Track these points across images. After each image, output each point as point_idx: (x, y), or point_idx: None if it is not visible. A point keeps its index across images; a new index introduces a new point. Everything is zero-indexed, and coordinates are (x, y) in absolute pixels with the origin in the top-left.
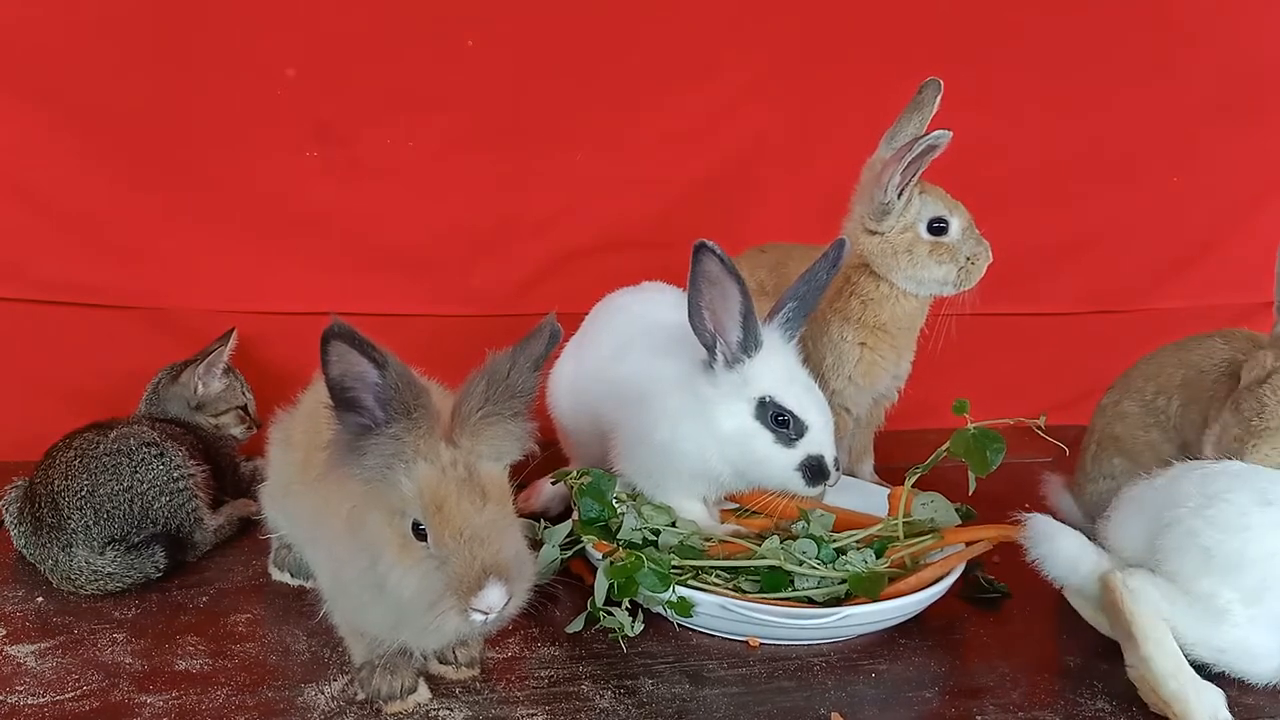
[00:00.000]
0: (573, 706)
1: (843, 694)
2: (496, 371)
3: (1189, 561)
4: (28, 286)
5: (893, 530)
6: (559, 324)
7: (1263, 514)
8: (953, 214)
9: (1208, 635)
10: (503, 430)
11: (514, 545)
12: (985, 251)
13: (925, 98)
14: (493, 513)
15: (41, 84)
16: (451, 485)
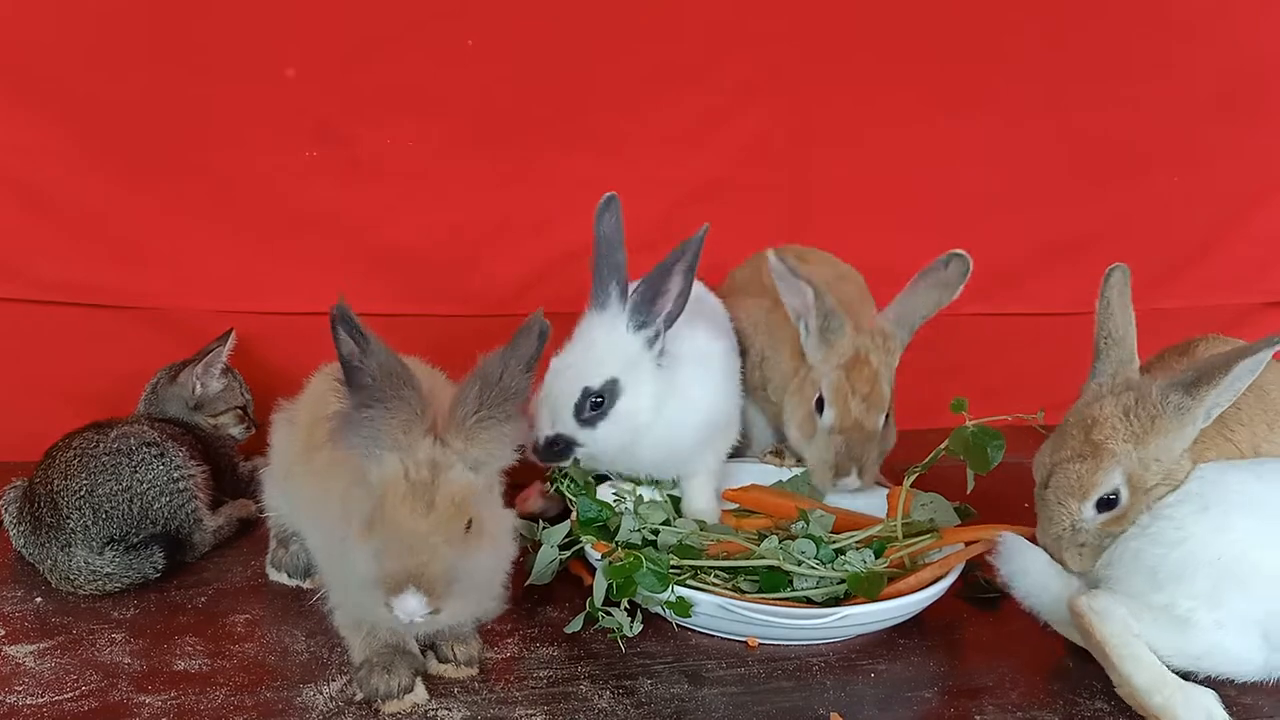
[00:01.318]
0: (571, 706)
1: (841, 694)
2: (489, 375)
3: (1139, 581)
4: (28, 286)
5: (892, 530)
6: (547, 321)
7: (1200, 521)
8: (831, 404)
9: (1179, 645)
10: (497, 433)
11: (445, 561)
12: (834, 473)
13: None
14: (433, 524)
15: (41, 84)
16: (402, 486)
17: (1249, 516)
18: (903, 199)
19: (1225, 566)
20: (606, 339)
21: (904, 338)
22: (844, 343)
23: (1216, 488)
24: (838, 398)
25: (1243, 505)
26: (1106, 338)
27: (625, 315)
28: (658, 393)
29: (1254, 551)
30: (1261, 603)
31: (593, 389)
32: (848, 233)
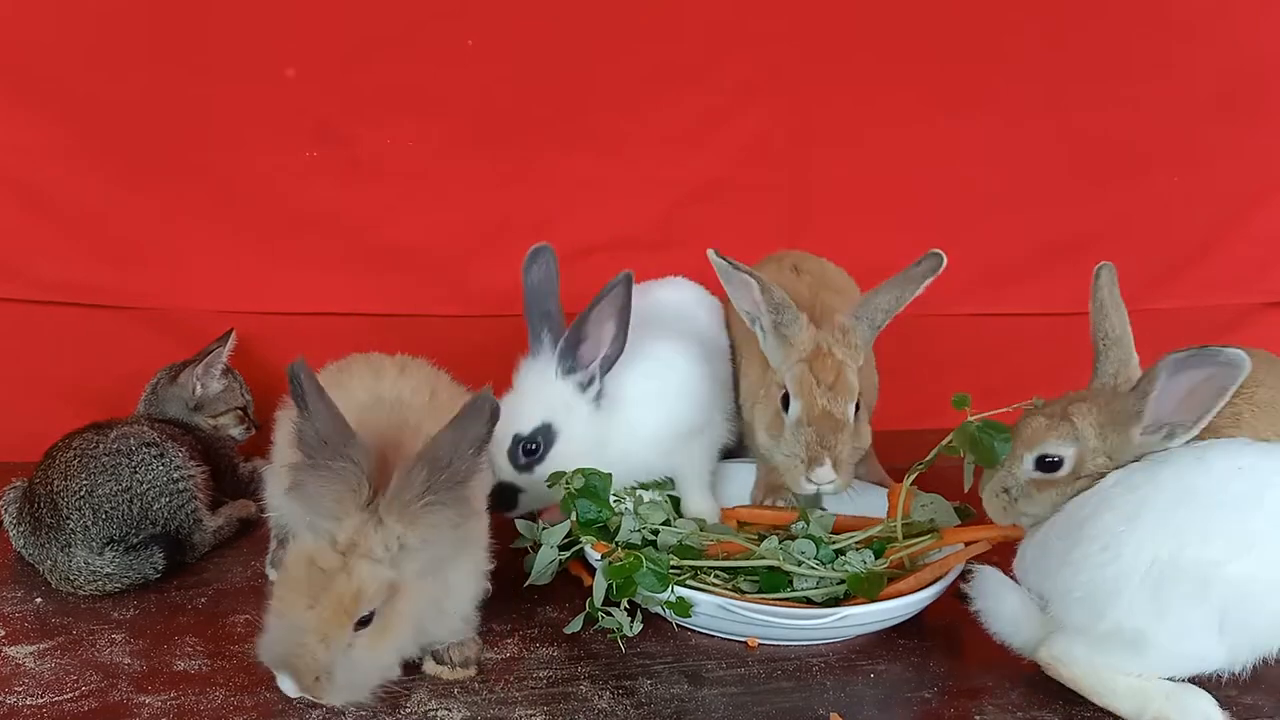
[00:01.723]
0: (571, 707)
1: (841, 694)
2: (438, 458)
3: (1080, 614)
4: (28, 286)
5: (891, 531)
6: (496, 400)
7: (1129, 531)
8: (796, 398)
9: (1144, 665)
10: (440, 518)
11: (315, 660)
12: (805, 464)
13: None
14: (313, 620)
15: (42, 84)
16: (300, 571)
17: (1183, 510)
18: (903, 199)
19: (1161, 571)
20: (536, 386)
21: (866, 333)
22: (802, 338)
23: (1143, 489)
24: (803, 389)
25: (1176, 500)
26: (1104, 338)
27: (554, 362)
28: (596, 433)
29: (1190, 547)
30: (1210, 600)
31: (523, 435)
32: (848, 233)
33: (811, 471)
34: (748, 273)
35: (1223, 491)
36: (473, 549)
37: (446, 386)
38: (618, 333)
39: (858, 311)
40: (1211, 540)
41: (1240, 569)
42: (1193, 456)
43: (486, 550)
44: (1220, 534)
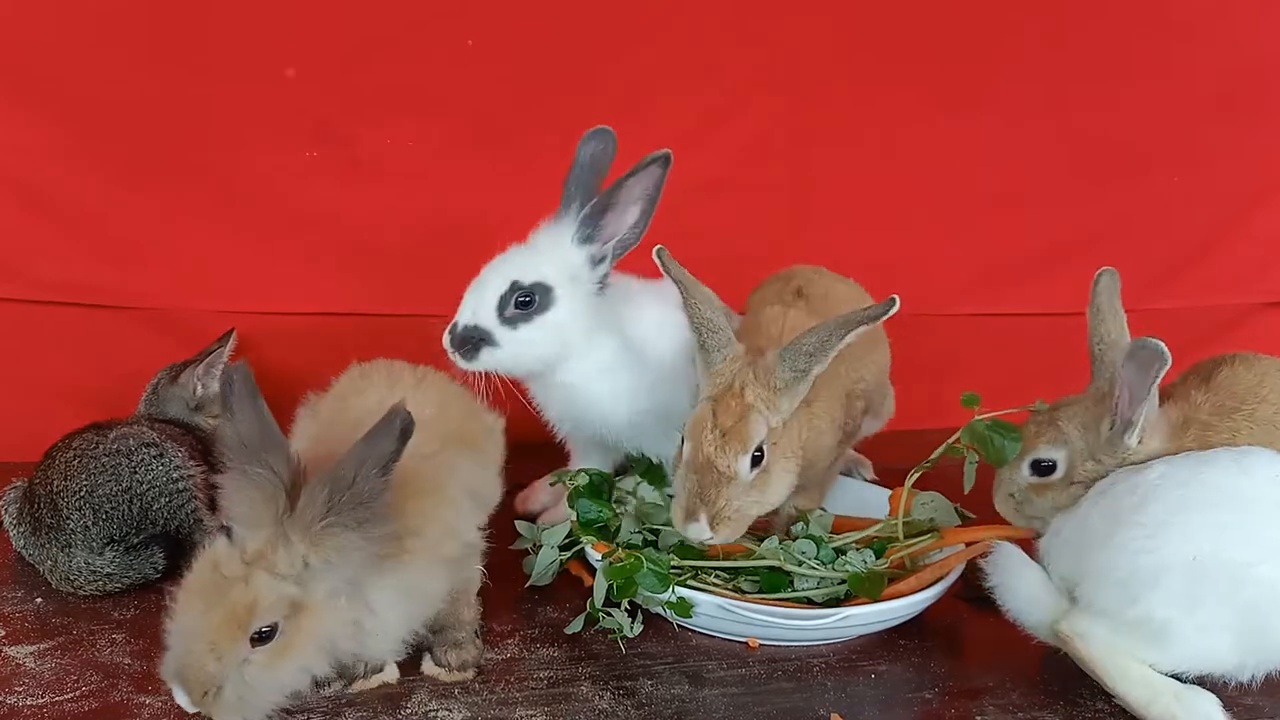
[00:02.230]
0: (572, 707)
1: (842, 695)
2: (341, 477)
3: (1111, 596)
4: (28, 286)
5: (892, 530)
6: (409, 413)
7: (1173, 523)
8: (686, 439)
9: (1162, 656)
10: (344, 541)
11: (204, 672)
12: (676, 513)
13: None
14: (204, 626)
15: (41, 84)
16: (202, 574)
17: (1226, 511)
18: (903, 199)
19: (1200, 566)
20: (550, 244)
21: (787, 376)
22: (724, 369)
23: (1191, 487)
24: (694, 431)
25: (1220, 501)
26: (1099, 343)
27: (575, 227)
28: (590, 322)
29: (1229, 549)
30: (1237, 600)
31: (522, 284)
32: (848, 233)
33: (685, 526)
34: (677, 280)
35: (1265, 498)
36: (404, 569)
37: (460, 403)
38: (640, 218)
39: (784, 351)
40: (1250, 543)
41: (1273, 573)
42: (1232, 460)
43: (434, 569)
44: (1259, 539)
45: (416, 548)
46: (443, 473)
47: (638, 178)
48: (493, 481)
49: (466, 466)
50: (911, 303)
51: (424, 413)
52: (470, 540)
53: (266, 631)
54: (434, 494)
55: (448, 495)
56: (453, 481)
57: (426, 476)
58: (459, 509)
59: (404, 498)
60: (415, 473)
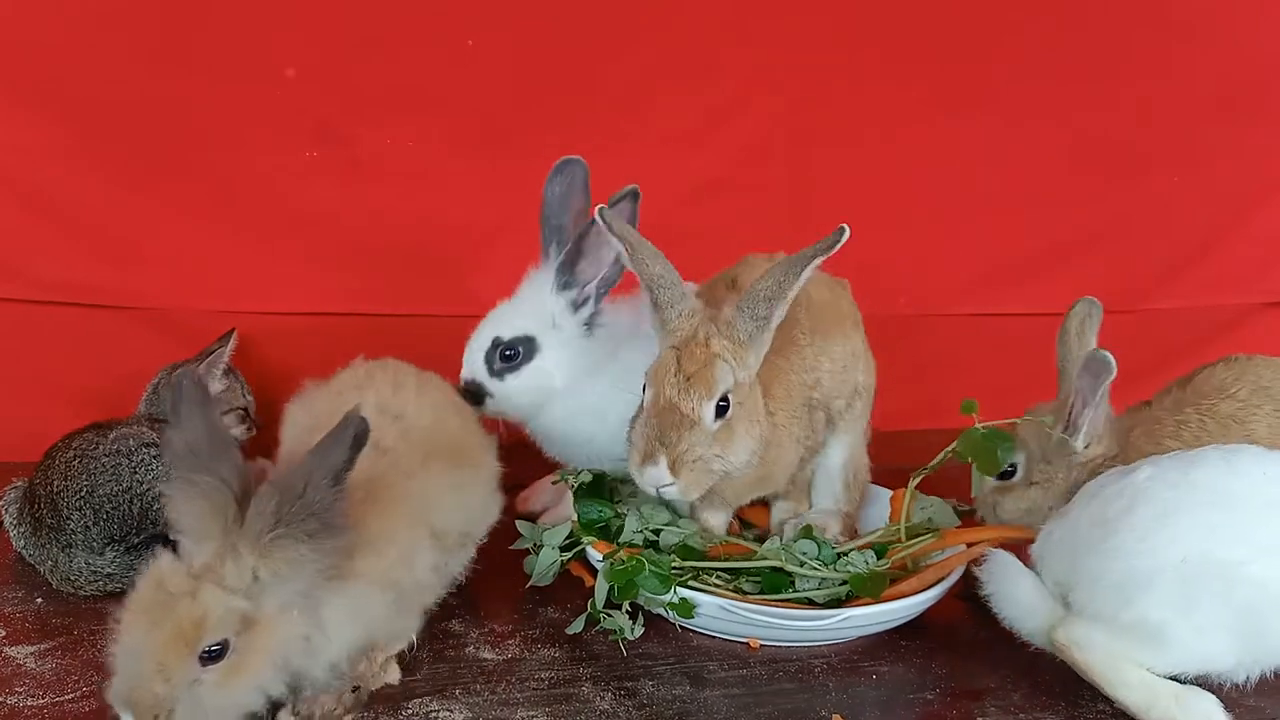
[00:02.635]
0: (573, 708)
1: (844, 695)
2: (290, 487)
3: (1106, 601)
4: (28, 286)
5: (894, 534)
6: (365, 419)
7: (1163, 526)
8: (648, 385)
9: (1160, 659)
10: (294, 554)
11: (151, 693)
12: (634, 457)
13: None
14: (150, 646)
15: (41, 84)
16: (148, 590)
17: (1216, 511)
18: (903, 199)
19: (1193, 568)
20: (531, 296)
21: (748, 326)
22: (683, 324)
23: (1180, 488)
24: (657, 375)
25: (1210, 501)
26: (1063, 361)
27: (553, 274)
28: (576, 362)
29: (1221, 548)
30: (1232, 600)
31: (502, 339)
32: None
33: (642, 469)
34: (620, 236)
35: (1255, 496)
36: (353, 587)
37: (459, 414)
38: (617, 256)
39: (741, 302)
40: (1241, 542)
41: (1265, 572)
42: (1221, 460)
43: (383, 594)
44: (1250, 538)
45: (367, 568)
46: (416, 497)
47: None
48: (480, 503)
49: (440, 496)
50: (911, 303)
51: (421, 421)
52: (421, 579)
53: (217, 649)
54: (402, 516)
55: (414, 521)
56: (424, 509)
57: (400, 497)
58: (420, 541)
59: (371, 513)
60: (389, 489)
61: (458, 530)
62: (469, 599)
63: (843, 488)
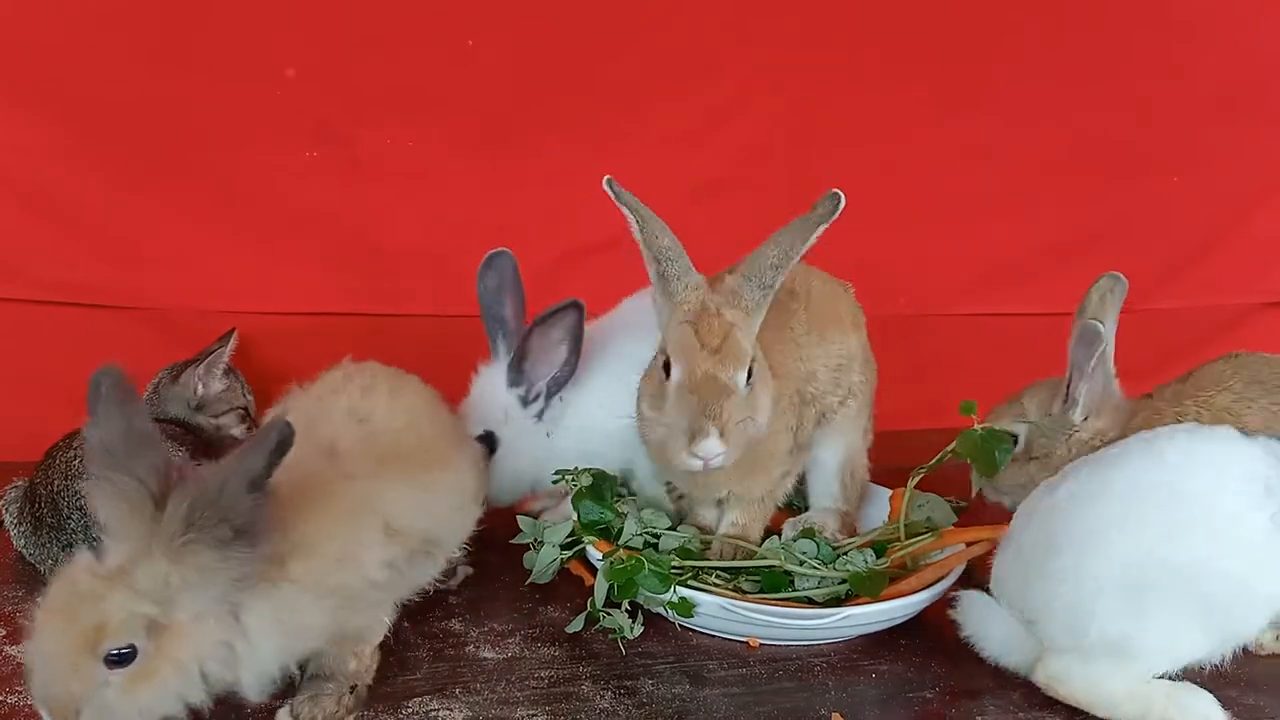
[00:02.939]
0: (573, 707)
1: (843, 694)
2: (205, 490)
3: (1062, 629)
4: (28, 286)
5: (893, 533)
6: (290, 425)
7: (1092, 548)
8: (677, 360)
9: (1139, 666)
10: (207, 560)
11: (63, 692)
12: (686, 436)
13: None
14: (58, 647)
15: (41, 84)
16: (59, 589)
17: (1145, 510)
18: (903, 199)
19: (1134, 576)
20: (484, 392)
21: (755, 294)
22: (689, 297)
23: (1100, 500)
24: (684, 351)
25: (1136, 503)
26: None
27: (504, 372)
28: (535, 447)
29: (1159, 548)
30: (1186, 594)
31: None
32: (848, 233)
33: (695, 444)
34: (630, 208)
35: (1181, 485)
36: (282, 594)
37: (438, 420)
38: (569, 356)
39: (746, 270)
40: (1177, 536)
41: (1212, 561)
42: (1142, 452)
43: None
44: (1185, 529)
45: (300, 573)
46: (357, 496)
47: (550, 325)
48: (448, 509)
49: (398, 496)
50: (911, 303)
51: (392, 424)
52: (373, 577)
53: (125, 653)
54: (338, 517)
55: (354, 521)
56: (368, 508)
57: (338, 498)
58: (364, 539)
59: (303, 516)
60: (327, 492)
61: (420, 532)
62: (469, 598)
63: (839, 488)
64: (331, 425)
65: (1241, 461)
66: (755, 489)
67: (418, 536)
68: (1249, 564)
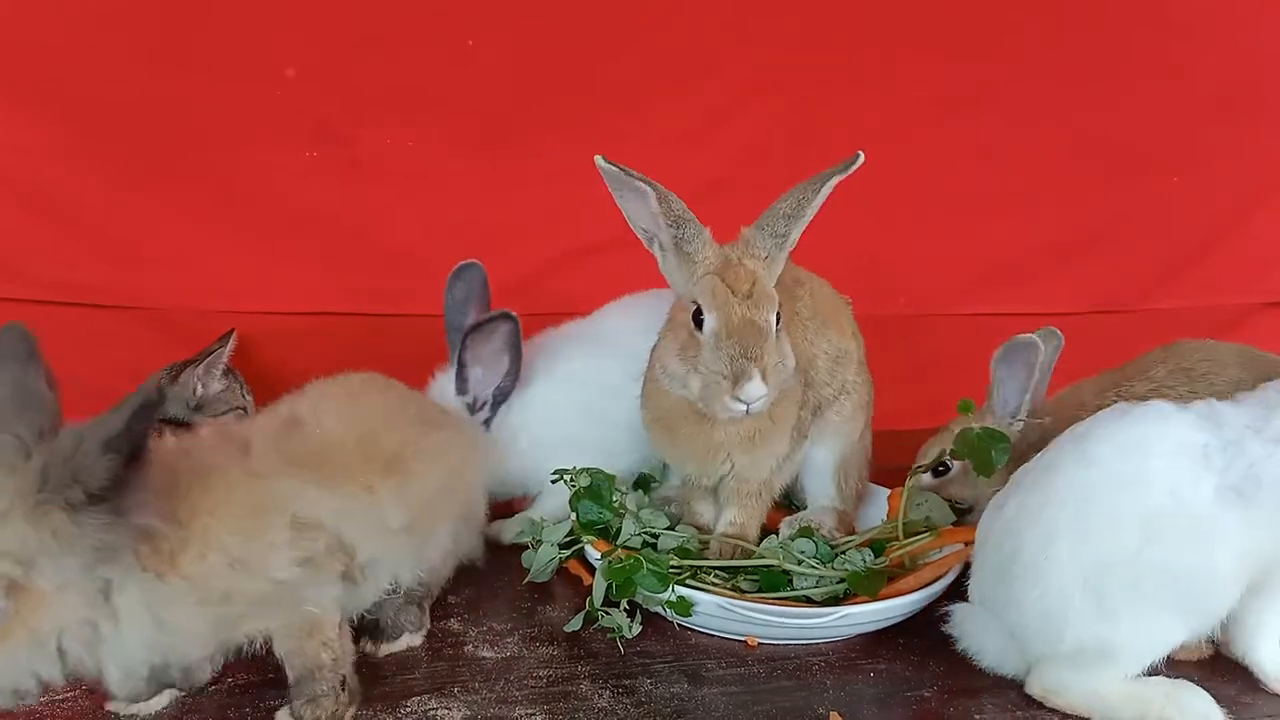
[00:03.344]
0: (571, 706)
1: (841, 693)
2: (59, 449)
3: (1043, 643)
4: (28, 286)
5: (892, 531)
6: (161, 392)
7: (1047, 559)
8: (710, 310)
9: (1122, 666)
10: (61, 522)
11: None
12: (730, 381)
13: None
14: None
15: (42, 84)
16: None
17: (1088, 514)
18: (903, 199)
19: (1094, 581)
20: (443, 393)
21: (769, 244)
22: (707, 253)
23: (1046, 511)
24: (717, 299)
25: (1077, 509)
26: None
27: (453, 379)
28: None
29: (1109, 549)
30: (1147, 587)
31: None
32: (848, 232)
33: (739, 388)
34: (642, 180)
35: (1111, 480)
36: (161, 588)
37: (403, 431)
38: (510, 368)
39: (761, 221)
40: (1123, 532)
41: (1160, 548)
42: (1073, 455)
43: (197, 603)
44: (1126, 523)
45: (192, 571)
46: (262, 493)
47: (483, 337)
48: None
49: (311, 496)
50: (911, 303)
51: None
52: (281, 577)
53: None
54: (241, 514)
55: (258, 519)
56: (274, 506)
57: (238, 495)
58: (271, 539)
59: (204, 508)
60: (228, 487)
61: (333, 534)
62: (467, 598)
63: (836, 489)
64: (258, 424)
65: (1169, 437)
66: (757, 469)
67: (335, 538)
68: (1197, 542)
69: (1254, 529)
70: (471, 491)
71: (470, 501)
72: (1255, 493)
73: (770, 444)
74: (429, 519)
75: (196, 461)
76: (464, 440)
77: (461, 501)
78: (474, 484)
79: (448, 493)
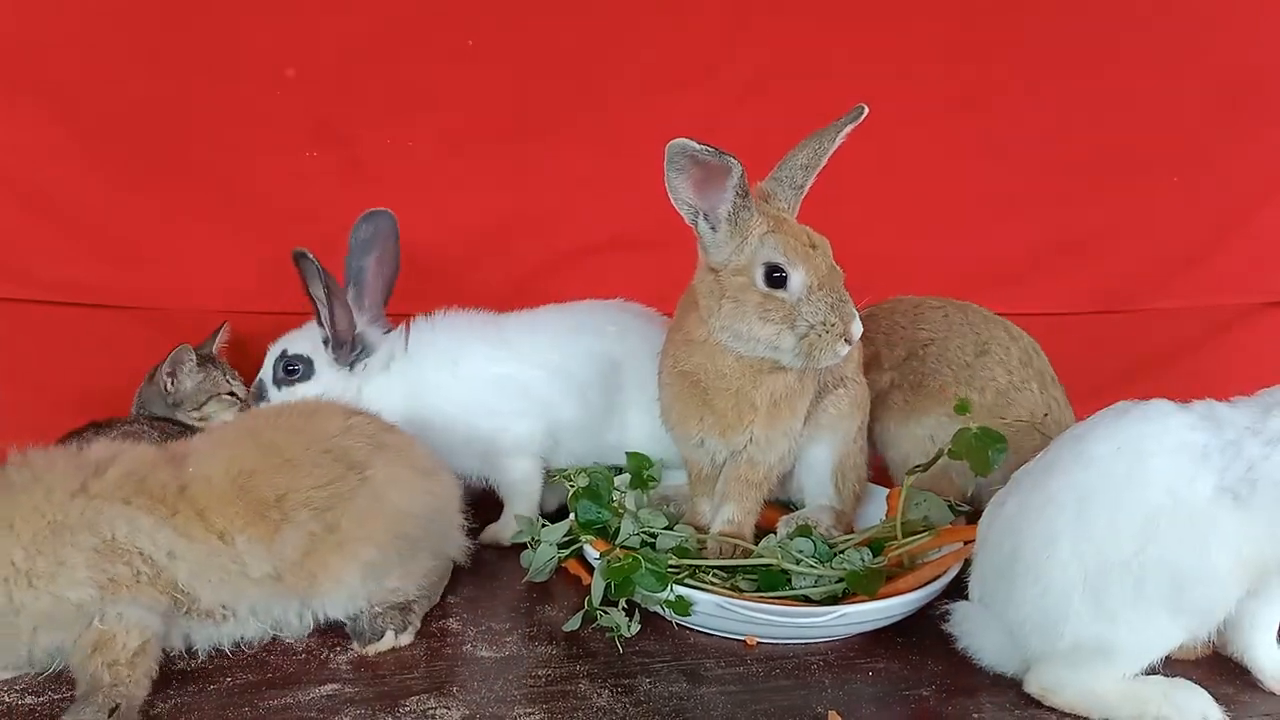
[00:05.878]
0: (570, 705)
1: (840, 692)
2: None
3: (1041, 642)
4: (28, 286)
5: (890, 530)
6: None
7: (1050, 561)
8: (795, 266)
9: (1120, 666)
10: None
11: None
12: (840, 325)
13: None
14: None
15: (42, 84)
16: None
17: (1087, 514)
18: (903, 199)
19: (1093, 580)
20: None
21: (789, 194)
22: (755, 219)
23: (1046, 511)
24: (799, 253)
25: (1076, 509)
26: None
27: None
28: (343, 390)
29: (1108, 548)
30: (1145, 586)
31: (289, 353)
32: (848, 232)
33: (849, 330)
34: (730, 157)
35: (1110, 480)
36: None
37: (275, 472)
38: (336, 319)
39: (777, 174)
40: (1121, 532)
41: (1158, 547)
42: (1071, 455)
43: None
44: (1125, 523)
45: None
46: (72, 514)
47: (310, 286)
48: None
49: (146, 527)
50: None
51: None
52: (72, 596)
53: None
54: (27, 531)
55: (49, 538)
56: (83, 527)
57: (40, 512)
58: (52, 556)
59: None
60: (33, 505)
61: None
62: (466, 597)
63: (834, 488)
64: (120, 447)
65: (1167, 436)
66: (773, 445)
67: (156, 570)
68: (1195, 541)
69: (1252, 529)
70: (408, 523)
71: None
72: (1252, 494)
73: (795, 410)
74: (327, 563)
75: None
76: (402, 473)
77: (399, 534)
78: (413, 514)
79: (362, 531)
